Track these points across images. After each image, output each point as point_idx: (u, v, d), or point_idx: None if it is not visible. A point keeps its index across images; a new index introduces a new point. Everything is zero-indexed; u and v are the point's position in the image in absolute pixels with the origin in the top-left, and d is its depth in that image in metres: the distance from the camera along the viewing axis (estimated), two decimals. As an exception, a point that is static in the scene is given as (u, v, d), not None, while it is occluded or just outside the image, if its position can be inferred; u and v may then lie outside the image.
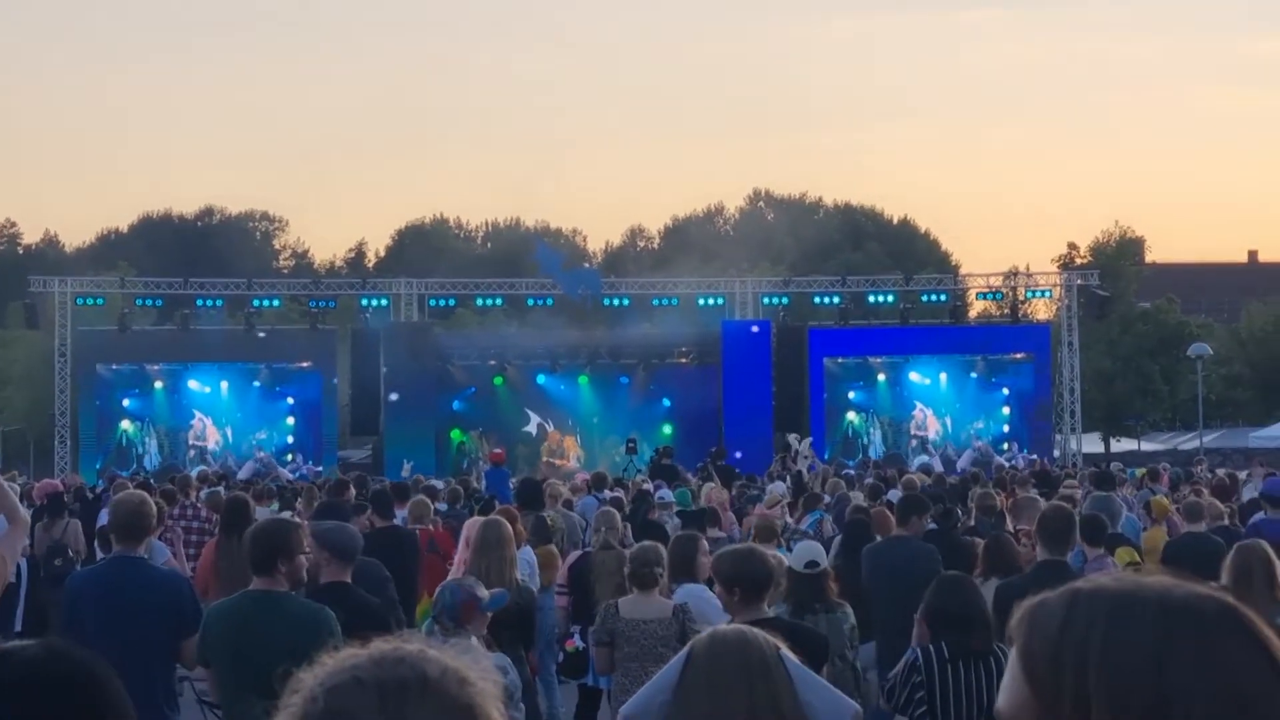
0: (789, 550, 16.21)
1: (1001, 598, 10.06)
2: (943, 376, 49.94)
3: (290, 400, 48.99)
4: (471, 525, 13.59)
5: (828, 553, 13.06)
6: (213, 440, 48.55)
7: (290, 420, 49.06)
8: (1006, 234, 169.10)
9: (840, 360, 49.63)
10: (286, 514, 19.83)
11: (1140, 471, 30.19)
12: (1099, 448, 64.37)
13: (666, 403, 49.79)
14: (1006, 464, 42.93)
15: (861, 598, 12.57)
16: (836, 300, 51.03)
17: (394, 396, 45.98)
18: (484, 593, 9.12)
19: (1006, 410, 49.75)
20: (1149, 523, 18.45)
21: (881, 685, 9.60)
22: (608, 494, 24.99)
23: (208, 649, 8.59)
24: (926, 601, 9.14)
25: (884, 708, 9.49)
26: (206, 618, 9.04)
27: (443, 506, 21.80)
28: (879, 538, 15.11)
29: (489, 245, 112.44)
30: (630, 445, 44.08)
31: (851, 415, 49.81)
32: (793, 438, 38.34)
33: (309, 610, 8.34)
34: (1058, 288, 53.64)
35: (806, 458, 38.72)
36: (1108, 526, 13.49)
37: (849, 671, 11.00)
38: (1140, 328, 68.64)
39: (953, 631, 8.89)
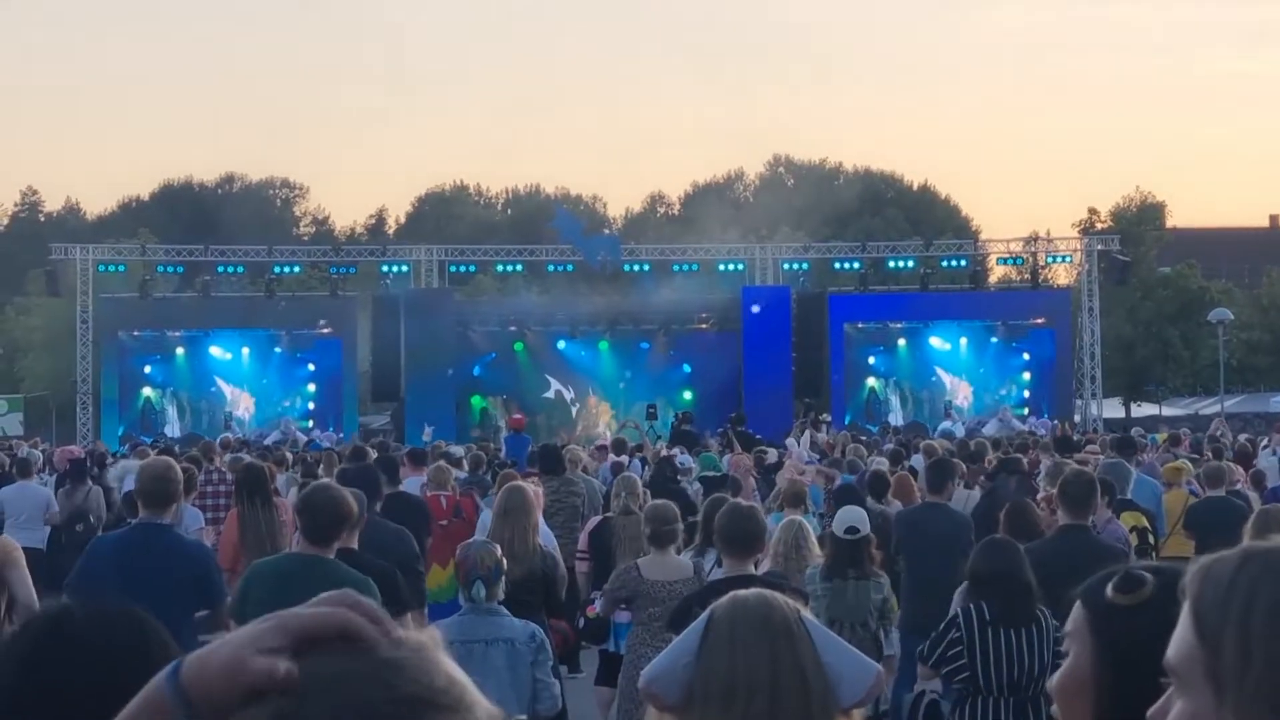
0: (816, 516, 16.29)
1: (1032, 561, 10.09)
2: (963, 342, 49.94)
3: (311, 367, 49.14)
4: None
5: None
6: (244, 408, 48.72)
7: (311, 387, 49.22)
8: (1026, 199, 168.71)
9: (860, 326, 49.65)
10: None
11: (1162, 437, 30.21)
12: (1120, 413, 64.29)
13: (687, 368, 49.78)
14: (1026, 428, 42.92)
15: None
16: (857, 266, 51.03)
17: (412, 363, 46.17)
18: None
19: (1027, 376, 49.78)
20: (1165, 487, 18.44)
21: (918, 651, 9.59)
22: (625, 459, 25.07)
23: (247, 605, 8.59)
24: (970, 564, 9.17)
25: (922, 670, 9.52)
26: (249, 574, 9.10)
27: (463, 474, 21.81)
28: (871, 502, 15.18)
29: (509, 211, 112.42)
30: (651, 411, 44.10)
31: (872, 381, 49.82)
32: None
33: (354, 579, 8.33)
34: (1078, 253, 53.51)
35: (826, 421, 38.80)
36: (1117, 490, 13.51)
37: (869, 640, 11.04)
38: (1161, 293, 68.46)
39: (995, 595, 8.91)
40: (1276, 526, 9.12)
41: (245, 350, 49.11)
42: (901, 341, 49.99)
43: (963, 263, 52.41)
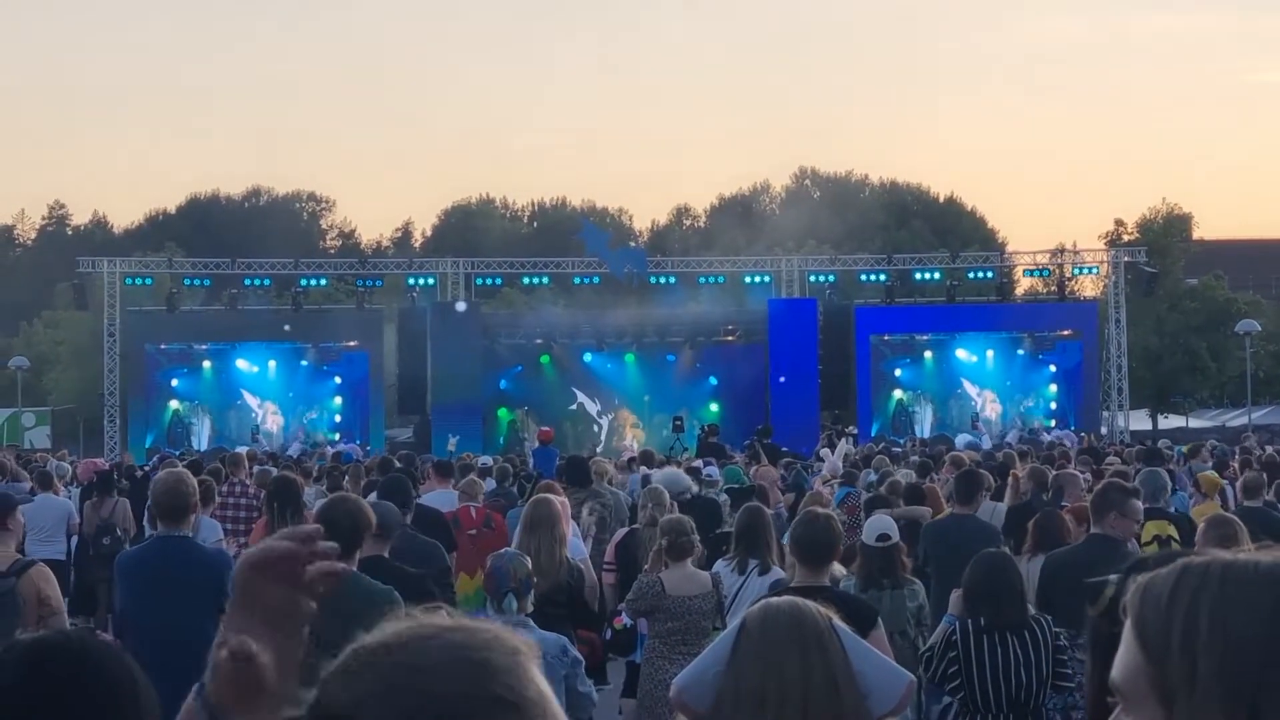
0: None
1: (1052, 569, 10.07)
2: (989, 354, 49.85)
3: (337, 380, 49.22)
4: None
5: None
6: (273, 422, 48.78)
7: (337, 400, 49.31)
8: (1053, 211, 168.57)
9: (887, 338, 49.62)
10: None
11: (1185, 449, 30.15)
12: (1146, 425, 64.11)
13: (713, 381, 49.79)
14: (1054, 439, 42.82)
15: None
16: (883, 278, 51.05)
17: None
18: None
19: (1053, 388, 49.67)
20: (1200, 498, 18.36)
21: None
22: (654, 471, 24.98)
23: None
24: (964, 577, 9.16)
25: (921, 676, 9.50)
26: None
27: (491, 484, 21.75)
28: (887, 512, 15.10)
29: (535, 224, 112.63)
30: (677, 423, 44.09)
31: (898, 393, 49.73)
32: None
33: (377, 591, 8.34)
34: (1105, 265, 53.39)
35: (852, 434, 38.76)
36: (1147, 499, 13.42)
37: (909, 649, 11.00)
38: (1188, 304, 68.22)
39: (984, 604, 8.90)
40: (1231, 535, 9.04)
41: (272, 363, 49.20)
42: (928, 354, 49.92)
43: (989, 275, 52.32)
